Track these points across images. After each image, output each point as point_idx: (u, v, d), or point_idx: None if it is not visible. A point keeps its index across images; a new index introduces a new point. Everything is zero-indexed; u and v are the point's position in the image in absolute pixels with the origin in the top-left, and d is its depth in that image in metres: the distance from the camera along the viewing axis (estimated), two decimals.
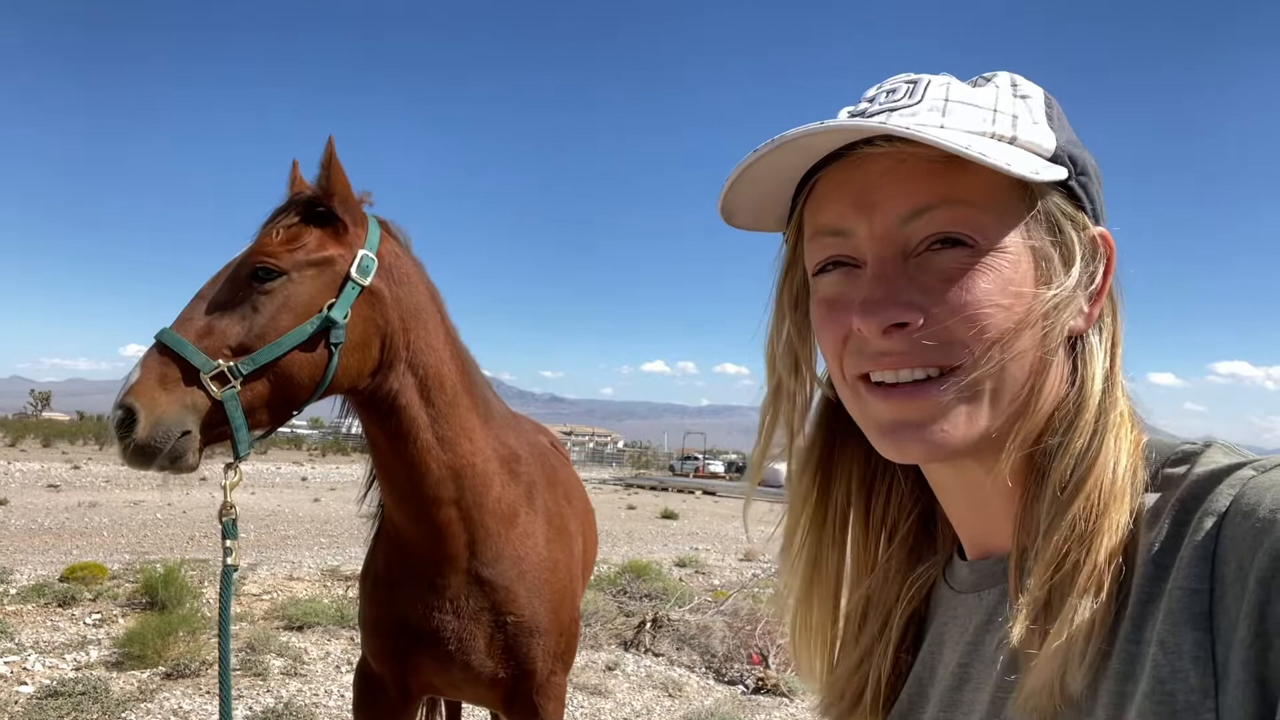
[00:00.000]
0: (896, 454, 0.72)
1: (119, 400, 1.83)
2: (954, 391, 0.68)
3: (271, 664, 5.87)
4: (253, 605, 7.78)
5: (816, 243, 0.75)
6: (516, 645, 2.30)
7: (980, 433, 0.69)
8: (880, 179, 0.70)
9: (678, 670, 6.62)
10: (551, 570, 2.41)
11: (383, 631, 2.36)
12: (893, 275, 0.69)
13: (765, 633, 6.95)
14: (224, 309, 1.98)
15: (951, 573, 0.83)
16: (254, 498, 19.88)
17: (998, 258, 0.68)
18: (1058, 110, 0.74)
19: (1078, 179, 0.72)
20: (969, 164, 0.66)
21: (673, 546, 14.87)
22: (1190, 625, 0.55)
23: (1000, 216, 0.69)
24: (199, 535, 13.02)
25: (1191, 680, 0.54)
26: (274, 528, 14.52)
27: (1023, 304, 0.67)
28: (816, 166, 0.74)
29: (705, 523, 20.52)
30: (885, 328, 0.68)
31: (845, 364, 0.73)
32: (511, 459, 2.43)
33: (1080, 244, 0.70)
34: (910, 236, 0.69)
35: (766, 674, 6.36)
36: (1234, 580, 0.54)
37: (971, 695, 0.73)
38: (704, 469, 47.89)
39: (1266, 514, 0.54)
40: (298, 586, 8.76)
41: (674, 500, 26.85)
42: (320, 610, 7.21)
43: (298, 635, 6.76)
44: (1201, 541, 0.57)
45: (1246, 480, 0.58)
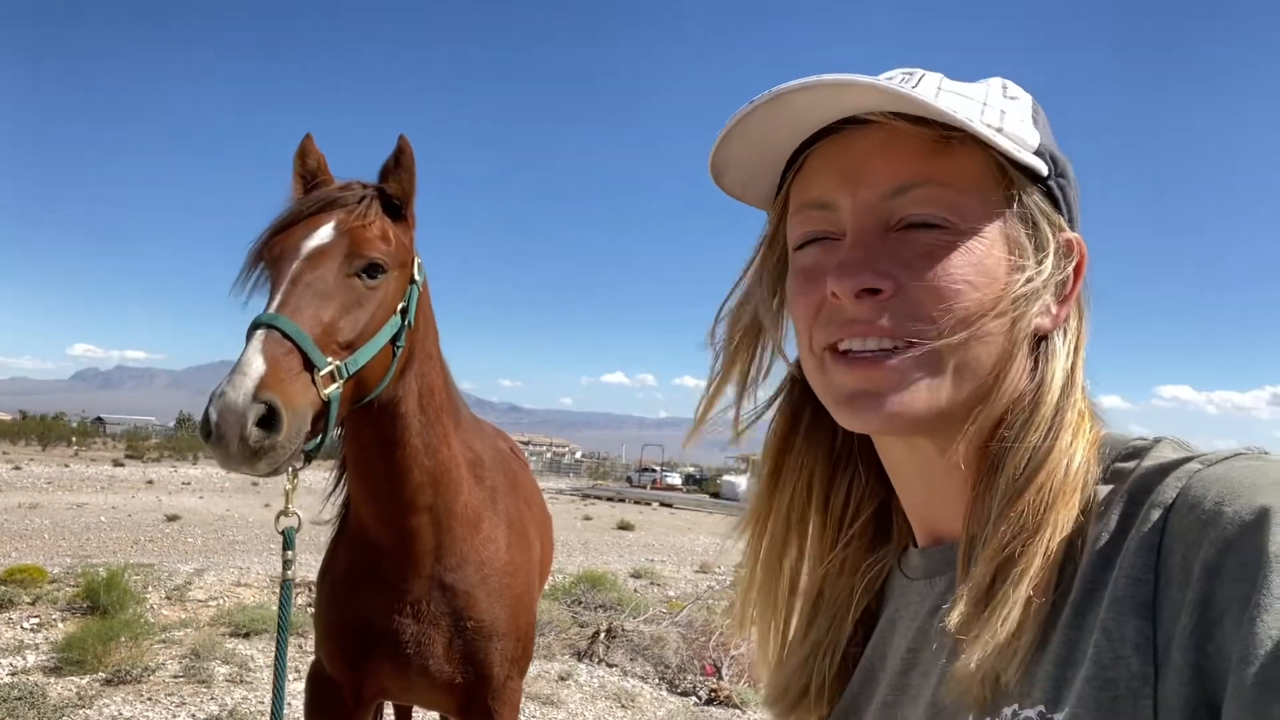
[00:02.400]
0: (854, 422, 0.73)
1: (251, 392, 1.61)
2: (915, 363, 0.69)
3: (217, 671, 5.74)
4: (198, 611, 7.59)
5: (800, 216, 0.76)
6: (475, 650, 2.27)
7: (938, 408, 0.70)
8: (868, 155, 0.71)
9: (631, 681, 6.60)
10: (512, 575, 2.40)
11: (341, 634, 2.32)
12: (871, 243, 0.71)
13: (719, 644, 6.96)
14: (328, 300, 1.85)
15: (906, 561, 0.84)
16: (202, 502, 19.45)
17: (974, 240, 0.69)
18: (1044, 118, 0.77)
19: (1057, 180, 0.74)
20: (956, 148, 0.69)
21: (628, 557, 14.84)
22: (1134, 613, 0.56)
23: (981, 202, 0.70)
24: (144, 539, 12.70)
25: (1133, 667, 0.55)
26: (222, 532, 14.20)
27: (993, 288, 0.69)
28: (807, 144, 0.76)
29: (661, 534, 20.52)
30: (858, 290, 0.69)
31: (815, 335, 0.74)
32: (476, 463, 2.42)
33: (1054, 242, 0.72)
34: (892, 212, 0.71)
35: (720, 685, 6.37)
36: (1179, 570, 0.55)
37: (919, 680, 0.74)
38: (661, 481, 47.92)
39: (1211, 506, 0.55)
40: (245, 593, 8.56)
41: (631, 511, 26.81)
42: (268, 617, 7.06)
43: (244, 642, 6.61)
44: (1148, 532, 0.58)
45: (1193, 474, 0.59)
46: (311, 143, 2.15)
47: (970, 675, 0.64)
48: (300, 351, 1.73)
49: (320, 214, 1.97)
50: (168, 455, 39.74)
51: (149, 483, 24.18)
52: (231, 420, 1.60)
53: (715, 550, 16.79)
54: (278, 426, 1.65)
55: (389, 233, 2.03)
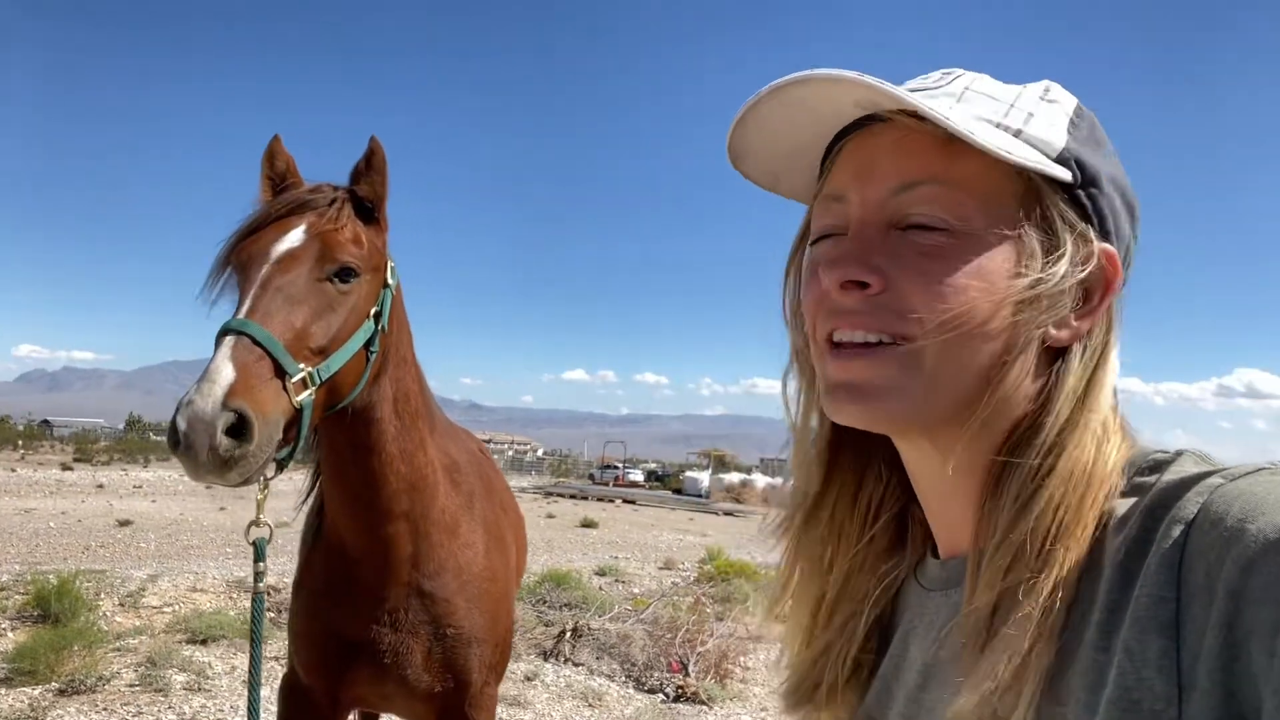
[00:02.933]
0: (833, 413, 0.73)
1: (221, 400, 1.56)
2: (895, 359, 0.69)
3: (173, 679, 5.61)
4: (153, 618, 7.42)
5: (819, 208, 0.77)
6: (454, 657, 2.25)
7: (913, 408, 0.69)
8: (882, 151, 0.71)
9: (598, 680, 6.59)
10: (491, 580, 2.38)
11: (318, 644, 2.27)
12: (868, 238, 0.71)
13: (685, 641, 6.97)
14: (300, 305, 1.80)
15: (923, 571, 0.83)
16: (155, 505, 19.00)
17: (975, 243, 0.68)
18: (1089, 125, 0.74)
19: (1085, 189, 0.71)
20: (965, 149, 0.67)
21: (592, 555, 14.81)
22: (1156, 632, 0.55)
23: (989, 206, 0.69)
24: (94, 545, 12.38)
25: (1156, 688, 0.54)
26: (176, 537, 13.89)
27: (992, 292, 0.67)
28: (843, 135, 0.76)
29: (625, 531, 20.52)
30: (843, 282, 0.70)
31: (817, 327, 0.74)
32: (453, 468, 2.39)
33: (1074, 253, 0.69)
34: (897, 210, 0.70)
35: (686, 682, 6.39)
36: (1201, 588, 0.54)
37: (935, 695, 0.73)
38: (624, 478, 47.93)
39: (1234, 523, 0.54)
40: (201, 598, 8.39)
41: (594, 509, 26.77)
42: (226, 623, 6.92)
43: (201, 649, 6.47)
44: (1169, 549, 0.57)
45: (1214, 488, 0.58)
46: (280, 144, 2.10)
47: (968, 710, 0.63)
48: (271, 358, 1.68)
49: (290, 217, 1.92)
50: (118, 458, 38.83)
51: (99, 487, 23.58)
52: (200, 429, 1.55)
53: (679, 546, 16.85)
54: (248, 435, 1.60)
55: (361, 236, 1.99)
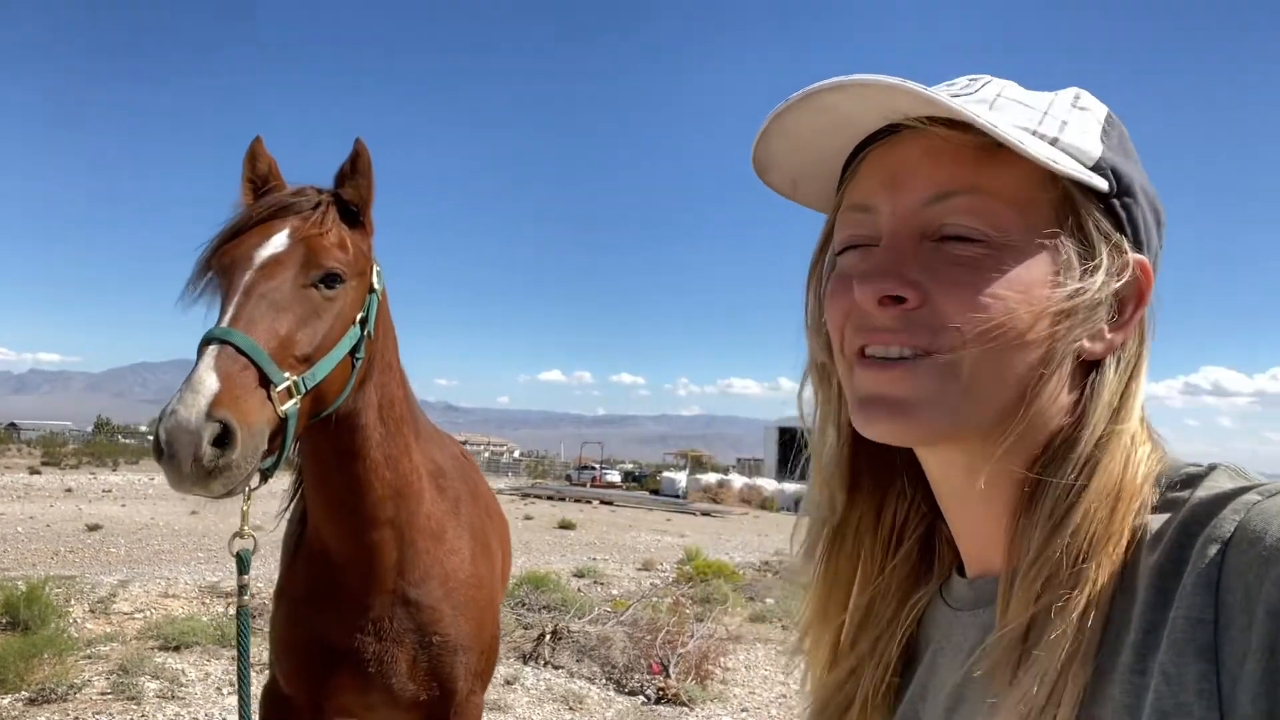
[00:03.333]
0: (865, 427, 0.71)
1: (205, 410, 1.53)
2: (931, 372, 0.67)
3: (146, 686, 5.52)
4: (124, 624, 7.31)
5: (844, 218, 0.75)
6: (440, 665, 2.22)
7: (949, 422, 0.67)
8: (911, 160, 0.70)
9: (578, 682, 6.56)
10: (477, 587, 2.35)
11: (301, 653, 2.24)
12: (903, 251, 0.69)
13: (665, 642, 6.96)
14: (284, 312, 1.77)
15: (950, 590, 0.81)
16: (125, 510, 18.71)
17: (1013, 254, 0.66)
18: (1119, 133, 0.73)
19: (1120, 199, 0.70)
20: (1002, 157, 0.66)
21: (571, 557, 14.77)
22: (1195, 656, 0.53)
23: (1026, 216, 0.67)
24: (64, 550, 12.17)
25: (1195, 713, 0.52)
26: (147, 541, 13.69)
27: (1030, 303, 0.66)
28: (865, 145, 0.74)
29: (603, 532, 20.48)
30: (880, 298, 0.68)
31: (846, 340, 0.73)
32: (438, 473, 2.37)
33: (1110, 265, 0.68)
34: (930, 220, 0.68)
35: (667, 683, 6.38)
36: (1240, 610, 0.53)
37: (966, 718, 0.72)
38: (601, 479, 47.85)
39: (1273, 542, 0.52)
40: (173, 604, 8.28)
41: (571, 510, 26.69)
42: (199, 629, 6.82)
43: (174, 656, 6.38)
44: (1205, 569, 0.55)
45: (1251, 505, 0.56)
46: (261, 145, 2.06)
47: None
48: (255, 367, 1.66)
49: (273, 221, 1.89)
50: (87, 462, 38.20)
51: (68, 491, 23.19)
52: (184, 440, 1.52)
53: (657, 546, 16.85)
54: (232, 445, 1.58)
55: (346, 240, 1.96)
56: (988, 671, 0.64)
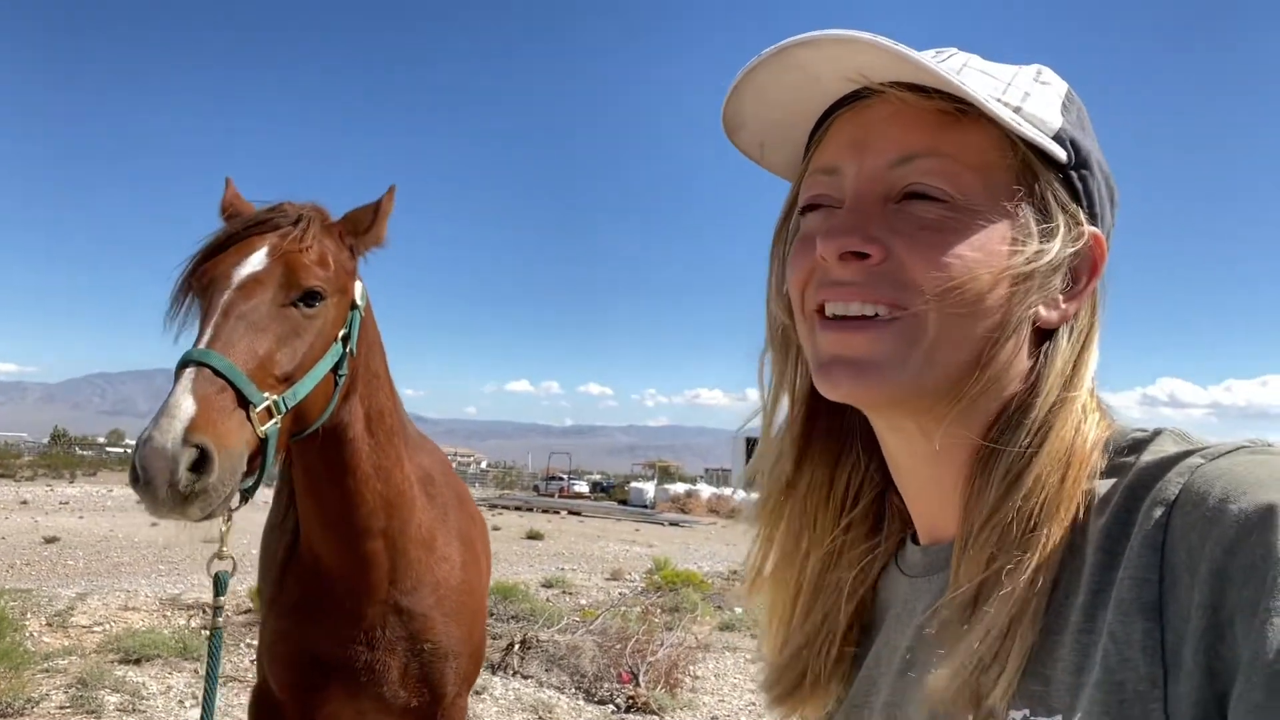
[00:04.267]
0: (828, 388, 0.72)
1: (181, 435, 1.52)
2: (894, 331, 0.68)
3: (106, 700, 5.41)
4: (83, 637, 7.15)
5: (809, 180, 0.76)
6: (430, 672, 2.23)
7: (912, 382, 0.68)
8: (878, 123, 0.71)
9: (547, 692, 6.54)
10: (467, 593, 2.37)
11: (294, 664, 2.24)
12: (867, 209, 0.70)
13: (635, 651, 6.95)
14: (263, 332, 1.75)
15: (904, 558, 0.82)
16: (82, 522, 18.30)
17: (975, 216, 0.68)
18: (1078, 108, 0.74)
19: (1078, 170, 0.71)
20: (967, 123, 0.68)
21: (539, 567, 14.69)
22: (1140, 614, 0.55)
23: (987, 181, 0.69)
24: (19, 563, 11.88)
25: (1141, 670, 0.54)
26: (106, 554, 13.41)
27: (989, 266, 0.67)
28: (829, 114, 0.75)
29: (571, 542, 20.39)
30: (843, 253, 0.69)
31: (806, 298, 0.74)
32: (427, 481, 2.38)
33: (1066, 233, 0.70)
34: (894, 182, 0.70)
35: (637, 692, 6.37)
36: (1184, 570, 0.54)
37: (914, 686, 0.73)
38: (569, 489, 47.66)
39: (1215, 503, 0.54)
40: (134, 617, 8.11)
41: (539, 520, 26.55)
42: (160, 642, 6.71)
43: (135, 669, 6.26)
44: (1151, 530, 0.57)
45: (1194, 468, 0.58)
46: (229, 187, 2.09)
47: (942, 691, 0.63)
48: (234, 388, 1.65)
49: (251, 238, 1.88)
50: (43, 473, 37.30)
51: (23, 503, 22.63)
52: (160, 465, 1.51)
53: (626, 556, 16.82)
54: (209, 469, 1.56)
55: (327, 257, 1.94)
56: (939, 630, 0.66)
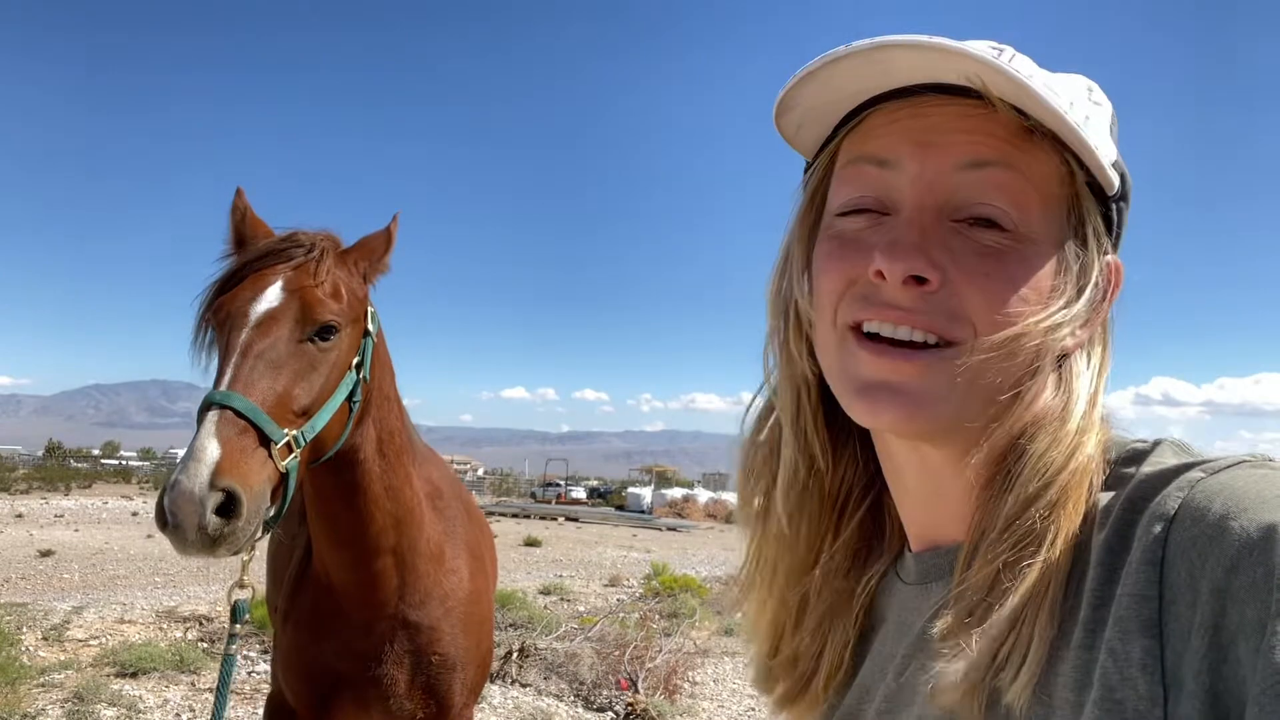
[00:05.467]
0: (868, 415, 0.68)
1: (208, 480, 1.56)
2: (944, 365, 0.65)
3: (103, 715, 5.39)
4: (79, 651, 7.12)
5: (852, 170, 0.71)
6: (438, 684, 2.25)
7: (954, 416, 0.66)
8: (947, 122, 0.66)
9: (546, 700, 6.52)
10: (475, 603, 2.39)
11: (305, 677, 2.28)
12: (927, 227, 0.65)
13: (633, 657, 6.95)
14: (281, 370, 1.78)
15: (902, 565, 0.81)
16: (78, 535, 18.24)
17: (1031, 250, 0.65)
18: (1116, 130, 0.72)
19: (1117, 203, 0.70)
20: (1036, 143, 0.65)
21: (537, 574, 14.69)
22: (1140, 632, 0.54)
23: (1046, 209, 0.66)
24: (15, 576, 11.84)
25: (1140, 688, 0.53)
26: (101, 567, 13.36)
27: (1036, 307, 0.65)
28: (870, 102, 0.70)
29: (569, 549, 20.39)
30: (908, 276, 0.64)
31: (841, 309, 0.69)
32: (435, 495, 2.39)
33: (1098, 268, 0.68)
34: (958, 189, 0.66)
35: (636, 699, 6.36)
36: (1184, 588, 0.53)
37: (914, 688, 0.72)
38: (566, 495, 47.65)
39: (1215, 520, 0.53)
40: (130, 630, 8.08)
41: (537, 527, 26.54)
42: (156, 655, 6.68)
43: (131, 682, 6.23)
44: (1150, 546, 0.55)
45: (1194, 483, 0.56)
46: (240, 197, 2.08)
47: (953, 687, 0.61)
48: (255, 428, 1.68)
49: (264, 271, 1.90)
50: (37, 486, 37.16)
51: (18, 516, 22.53)
52: (189, 510, 1.54)
53: (624, 562, 16.80)
54: (237, 511, 1.60)
55: (340, 288, 1.97)
56: (945, 633, 0.64)
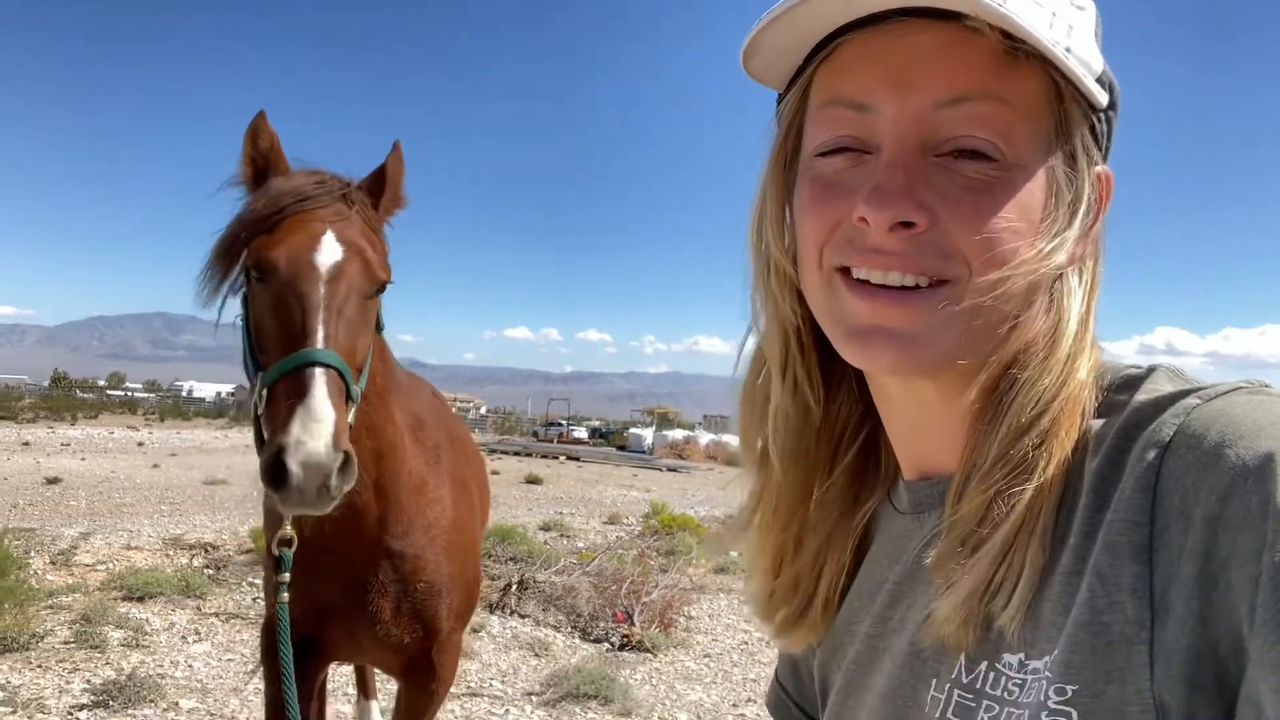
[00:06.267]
0: (864, 358, 0.68)
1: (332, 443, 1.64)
2: (940, 306, 0.64)
3: (110, 636, 5.51)
4: (86, 576, 7.25)
5: (828, 113, 0.68)
6: (423, 610, 2.29)
7: (950, 354, 0.65)
8: (923, 55, 0.63)
9: (544, 630, 6.66)
10: (459, 531, 2.41)
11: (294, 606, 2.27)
12: (911, 167, 0.63)
13: (630, 592, 7.07)
14: (355, 328, 1.86)
15: (895, 494, 0.81)
16: (84, 463, 18.45)
17: (1021, 177, 0.63)
18: (1100, 33, 0.68)
19: (1106, 112, 0.68)
20: (1020, 65, 0.62)
21: (538, 511, 14.87)
22: (1130, 558, 0.54)
23: (1033, 133, 0.64)
24: (22, 503, 12.00)
25: (1129, 612, 0.53)
26: (108, 495, 13.54)
27: (1029, 234, 0.63)
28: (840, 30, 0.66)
29: (570, 487, 20.61)
30: (894, 223, 0.62)
31: (827, 253, 0.68)
32: (417, 426, 2.41)
33: (1089, 184, 0.66)
34: (939, 126, 0.63)
35: (631, 631, 6.49)
36: (1177, 515, 0.52)
37: (904, 614, 0.73)
38: (568, 435, 48.04)
39: (1211, 447, 0.52)
40: (137, 556, 8.22)
41: (538, 465, 26.81)
42: (163, 580, 6.80)
43: (138, 606, 6.36)
44: (1143, 473, 0.55)
45: (1190, 409, 0.56)
46: (264, 121, 2.02)
47: (950, 615, 0.62)
48: (345, 385, 1.76)
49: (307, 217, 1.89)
50: (44, 415, 37.51)
51: (25, 444, 22.80)
52: (317, 474, 1.63)
53: (623, 501, 17.01)
54: (350, 472, 1.70)
55: (386, 244, 2.04)
56: (938, 561, 0.65)
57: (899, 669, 0.71)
